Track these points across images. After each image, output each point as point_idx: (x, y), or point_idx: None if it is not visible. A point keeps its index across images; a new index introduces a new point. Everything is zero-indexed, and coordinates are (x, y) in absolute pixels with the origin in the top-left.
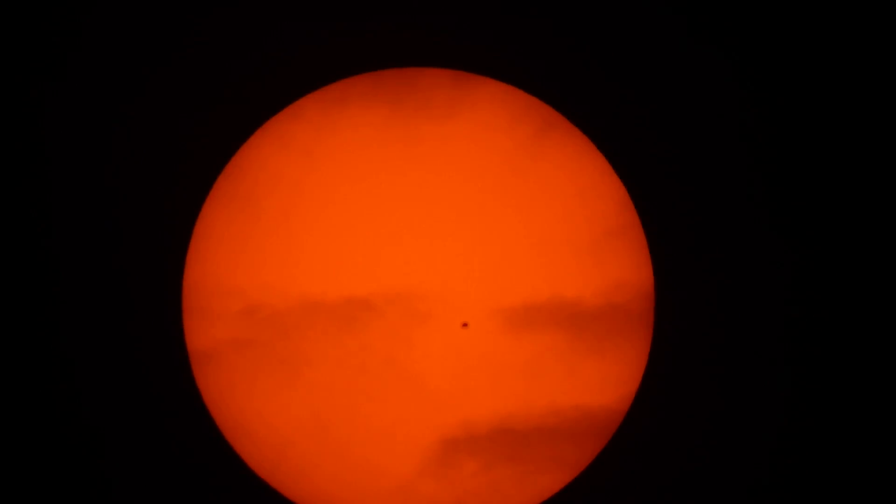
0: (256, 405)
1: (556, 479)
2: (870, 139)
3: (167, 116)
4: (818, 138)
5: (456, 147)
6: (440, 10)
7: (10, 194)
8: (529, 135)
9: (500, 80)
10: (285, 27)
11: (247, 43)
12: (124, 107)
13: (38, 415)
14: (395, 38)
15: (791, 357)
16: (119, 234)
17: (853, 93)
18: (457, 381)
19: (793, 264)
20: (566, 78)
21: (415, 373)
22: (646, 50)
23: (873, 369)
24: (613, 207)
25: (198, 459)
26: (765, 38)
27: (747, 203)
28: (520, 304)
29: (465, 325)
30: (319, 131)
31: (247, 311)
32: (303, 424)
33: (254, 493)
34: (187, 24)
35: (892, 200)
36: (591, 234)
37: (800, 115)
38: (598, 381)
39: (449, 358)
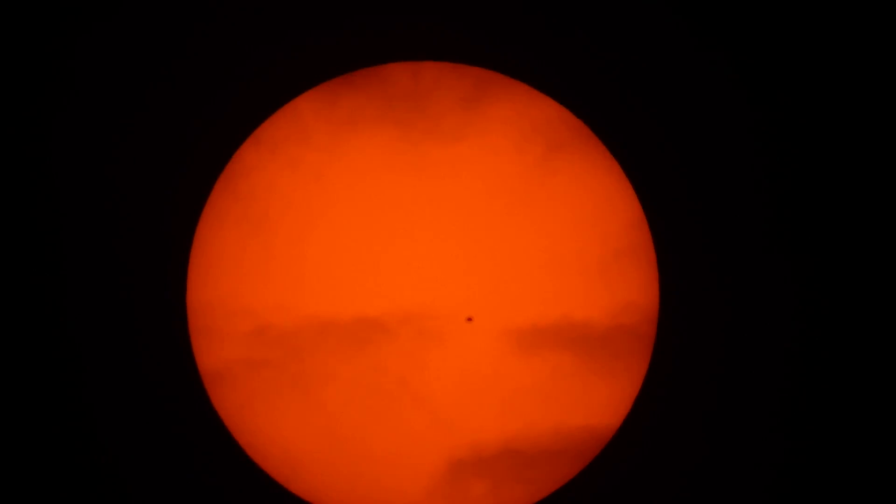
0: (270, 425)
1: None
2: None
3: (162, 118)
4: (840, 167)
5: (466, 166)
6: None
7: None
8: (541, 153)
9: (515, 78)
10: (285, 25)
11: (246, 40)
12: (119, 115)
13: (61, 447)
14: (405, 34)
15: (801, 379)
16: (116, 251)
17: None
18: (465, 401)
19: (811, 289)
20: (587, 84)
21: (425, 393)
22: (674, 67)
23: (885, 405)
24: (626, 226)
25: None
26: (799, 64)
27: (766, 229)
28: (529, 325)
29: (469, 319)
30: (328, 151)
31: (257, 331)
32: (314, 444)
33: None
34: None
35: None
36: (601, 254)
37: (823, 142)
38: (606, 403)
39: (458, 379)
